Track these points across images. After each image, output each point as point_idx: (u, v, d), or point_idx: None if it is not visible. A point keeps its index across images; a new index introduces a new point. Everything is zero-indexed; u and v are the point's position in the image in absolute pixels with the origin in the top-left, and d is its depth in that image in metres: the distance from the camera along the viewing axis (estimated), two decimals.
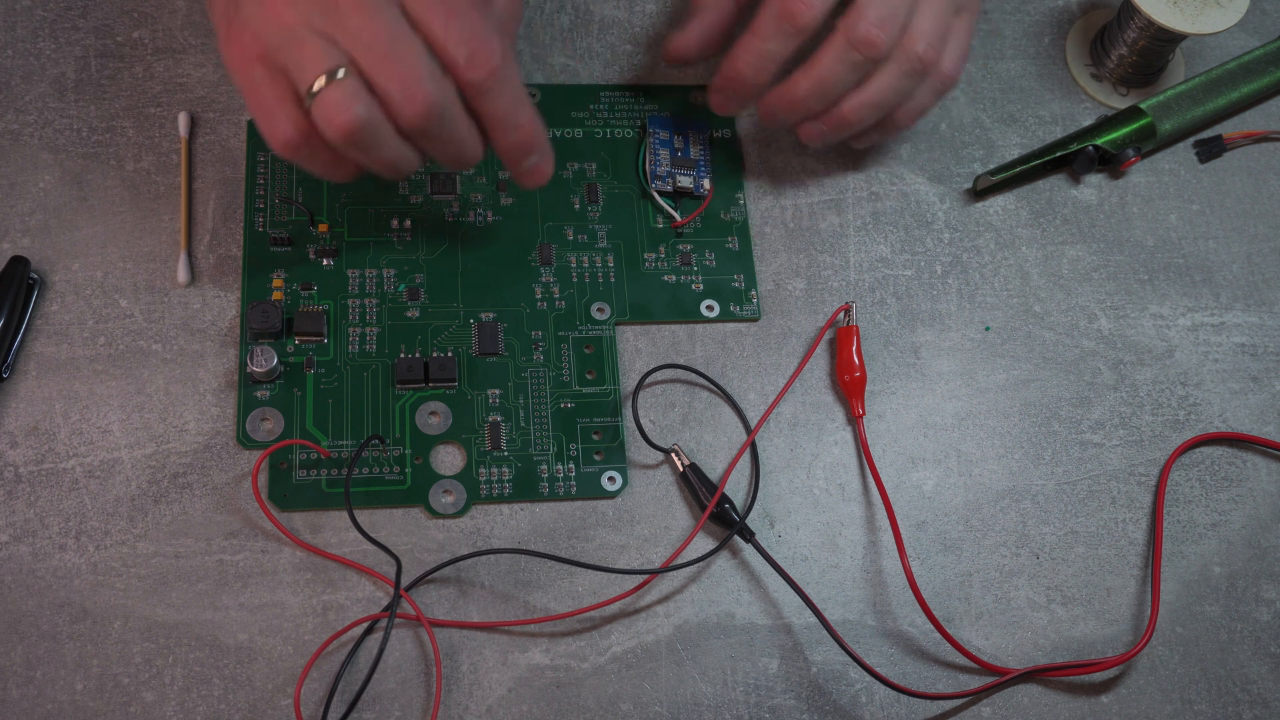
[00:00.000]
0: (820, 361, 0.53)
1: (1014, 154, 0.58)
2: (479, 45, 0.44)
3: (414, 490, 0.48)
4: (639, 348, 0.53)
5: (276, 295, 0.51)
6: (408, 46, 0.42)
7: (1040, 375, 0.54)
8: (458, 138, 0.45)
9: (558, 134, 0.56)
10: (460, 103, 0.45)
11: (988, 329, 0.55)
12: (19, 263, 0.49)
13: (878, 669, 0.47)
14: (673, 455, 0.50)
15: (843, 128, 0.53)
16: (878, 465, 0.51)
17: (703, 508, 0.49)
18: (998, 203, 0.58)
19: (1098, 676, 0.50)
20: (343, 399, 0.49)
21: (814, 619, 0.48)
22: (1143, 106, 0.58)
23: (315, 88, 0.42)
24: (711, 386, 0.52)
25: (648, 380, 0.52)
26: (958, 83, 0.54)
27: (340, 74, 0.42)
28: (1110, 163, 0.58)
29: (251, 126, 0.53)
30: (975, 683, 0.49)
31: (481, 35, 0.44)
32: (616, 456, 0.50)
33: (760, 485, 0.51)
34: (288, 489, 0.48)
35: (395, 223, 0.53)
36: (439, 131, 0.44)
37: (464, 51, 0.43)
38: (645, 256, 0.54)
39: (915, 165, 0.58)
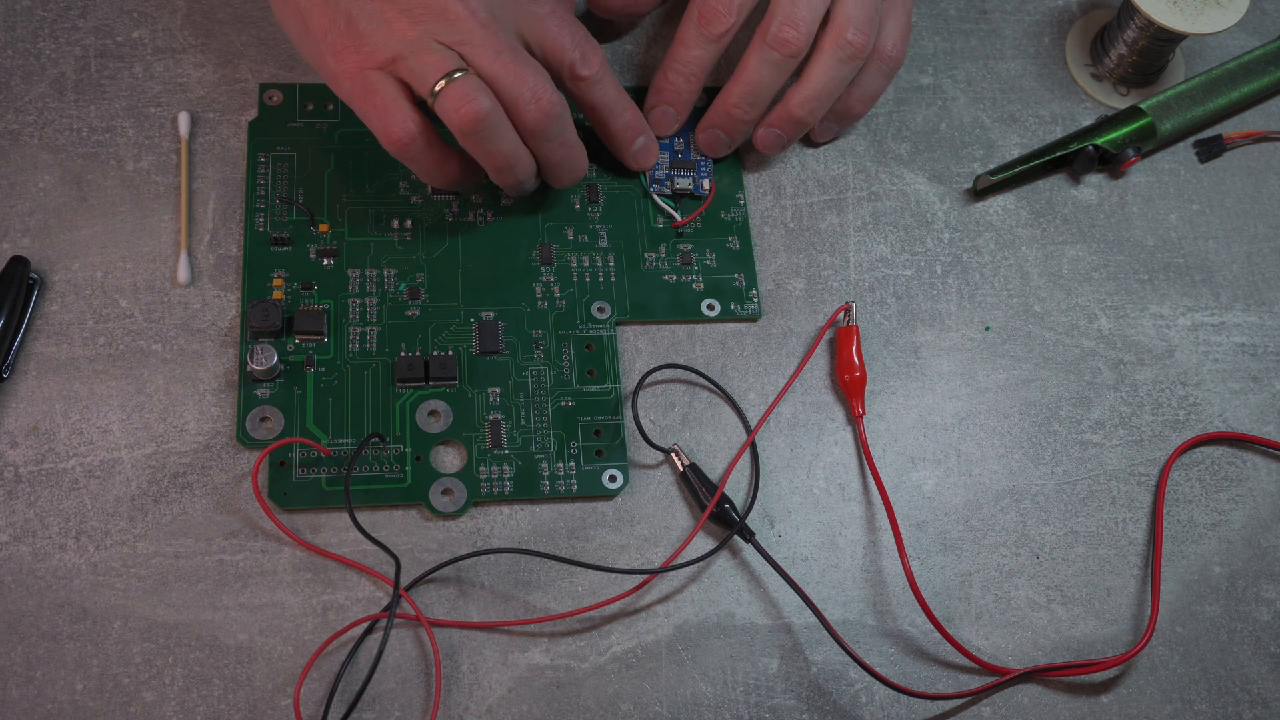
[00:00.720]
0: (820, 361, 0.53)
1: (1014, 154, 0.58)
2: (587, 47, 0.50)
3: (414, 489, 0.48)
4: (639, 347, 0.52)
5: (277, 295, 0.51)
6: (528, 56, 0.47)
7: (1040, 375, 0.54)
8: (570, 140, 0.50)
9: None
10: (569, 111, 0.49)
11: (988, 329, 0.55)
12: (19, 263, 0.49)
13: (878, 669, 0.47)
14: (673, 455, 0.50)
15: (794, 125, 0.54)
16: (878, 465, 0.51)
17: (703, 508, 0.49)
18: (998, 203, 0.58)
19: (1098, 676, 0.50)
20: (343, 397, 0.49)
21: (814, 619, 0.48)
22: (1143, 106, 0.58)
23: (438, 87, 0.46)
24: (711, 386, 0.52)
25: (648, 380, 0.52)
26: (902, 63, 0.55)
27: (458, 75, 0.46)
28: (1110, 163, 0.58)
29: (252, 126, 0.53)
30: (975, 683, 0.49)
31: (586, 38, 0.50)
32: (617, 455, 0.50)
33: (760, 485, 0.51)
34: (288, 487, 0.48)
35: (396, 223, 0.53)
36: (556, 132, 0.48)
37: (577, 54, 0.49)
38: (646, 256, 0.54)
39: (915, 165, 0.58)
